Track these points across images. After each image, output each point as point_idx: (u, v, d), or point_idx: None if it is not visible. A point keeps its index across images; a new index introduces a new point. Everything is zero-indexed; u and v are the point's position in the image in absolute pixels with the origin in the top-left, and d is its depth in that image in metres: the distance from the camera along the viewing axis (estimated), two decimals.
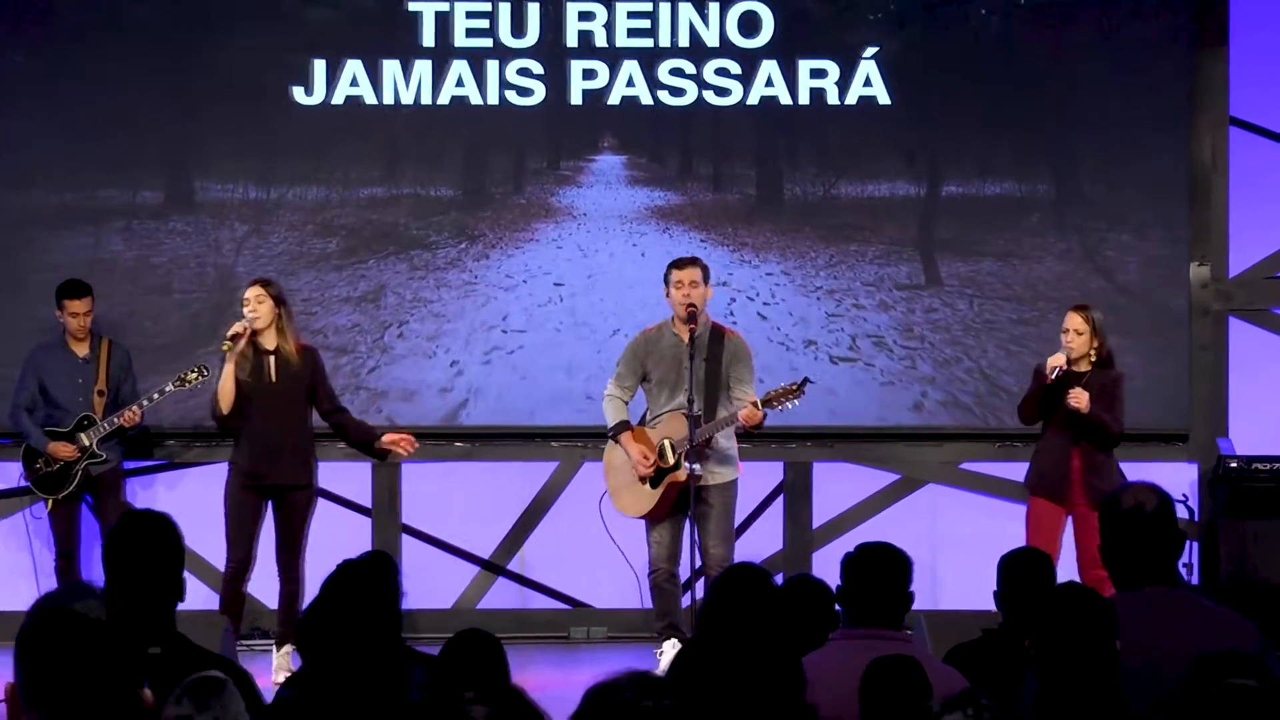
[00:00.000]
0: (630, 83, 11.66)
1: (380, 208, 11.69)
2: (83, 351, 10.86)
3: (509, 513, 11.63)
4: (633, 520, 10.03)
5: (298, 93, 11.58)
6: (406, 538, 11.58)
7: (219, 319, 11.08)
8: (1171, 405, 11.56)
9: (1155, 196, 11.61)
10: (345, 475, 11.34)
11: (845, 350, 11.66)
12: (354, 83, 11.58)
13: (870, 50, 11.61)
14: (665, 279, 9.95)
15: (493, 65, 11.62)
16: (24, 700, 3.81)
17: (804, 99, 11.61)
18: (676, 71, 11.65)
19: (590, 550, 10.81)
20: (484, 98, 11.61)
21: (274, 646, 10.07)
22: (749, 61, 11.62)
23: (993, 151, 11.73)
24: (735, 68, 11.63)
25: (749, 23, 11.63)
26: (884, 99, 11.61)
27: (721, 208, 11.74)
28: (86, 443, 10.66)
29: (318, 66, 11.58)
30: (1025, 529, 9.93)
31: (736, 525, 10.13)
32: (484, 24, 11.62)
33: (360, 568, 4.90)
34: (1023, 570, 6.41)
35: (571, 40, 11.64)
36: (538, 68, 11.65)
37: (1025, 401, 10.10)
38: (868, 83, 11.60)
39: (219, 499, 10.05)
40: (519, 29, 11.62)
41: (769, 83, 11.62)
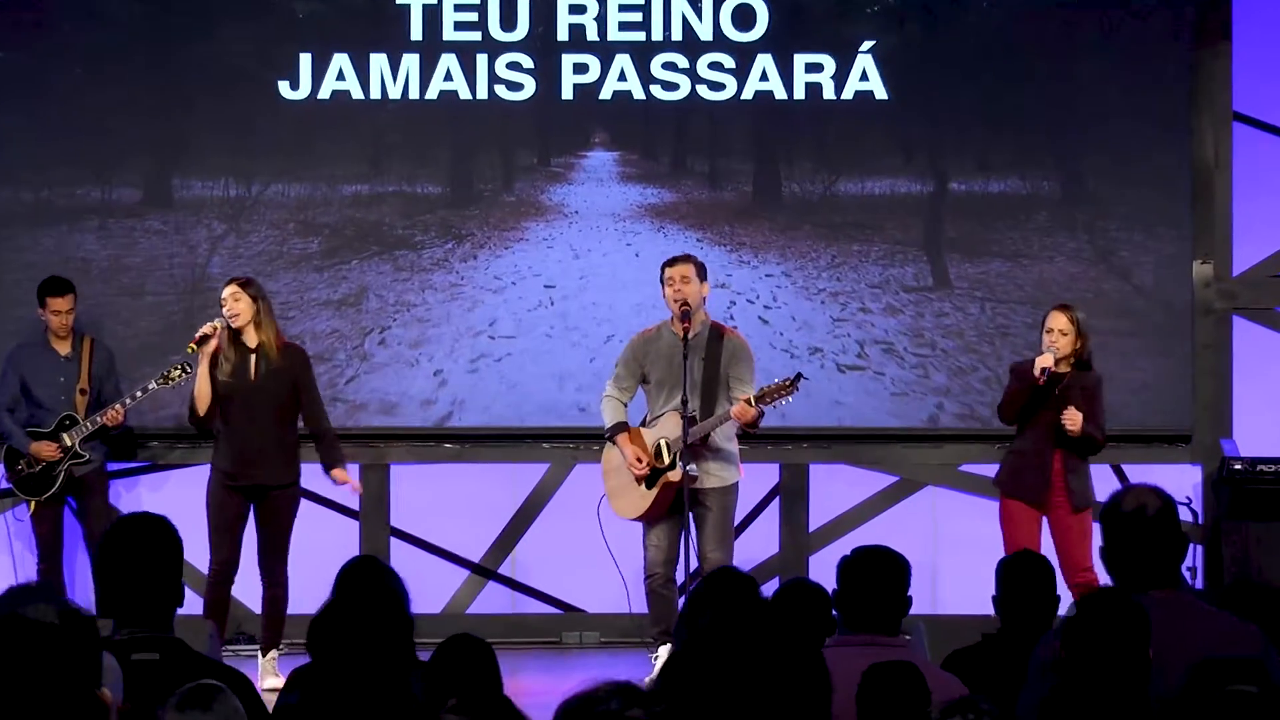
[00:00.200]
0: (622, 77, 11.56)
1: (364, 205, 11.56)
2: (65, 350, 10.81)
3: (500, 516, 11.54)
4: (630, 525, 9.89)
5: (283, 87, 11.49)
6: (395, 541, 11.50)
7: (197, 320, 10.88)
8: (1174, 406, 11.48)
9: (1158, 193, 11.53)
10: None
11: (853, 358, 11.49)
12: (340, 76, 11.50)
13: (867, 44, 11.49)
14: (660, 278, 9.81)
15: (482, 59, 11.52)
16: None
17: (799, 94, 11.51)
18: (669, 65, 11.56)
19: (583, 554, 10.74)
20: (473, 92, 11.52)
21: (259, 653, 9.99)
22: (743, 55, 11.53)
23: (993, 148, 11.64)
24: (729, 61, 11.54)
25: (743, 16, 11.54)
26: (881, 94, 11.53)
27: (717, 205, 11.62)
28: (69, 442, 10.61)
29: (304, 60, 11.47)
30: (1002, 532, 9.80)
31: None
32: (473, 17, 11.54)
33: (374, 567, 4.82)
34: (1021, 574, 6.38)
35: (562, 33, 11.56)
36: (528, 61, 11.55)
37: (1008, 402, 9.92)
38: (864, 77, 11.51)
39: (203, 501, 9.94)
40: (509, 22, 11.52)
41: (764, 77, 11.53)
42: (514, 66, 11.53)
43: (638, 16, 11.53)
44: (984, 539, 10.03)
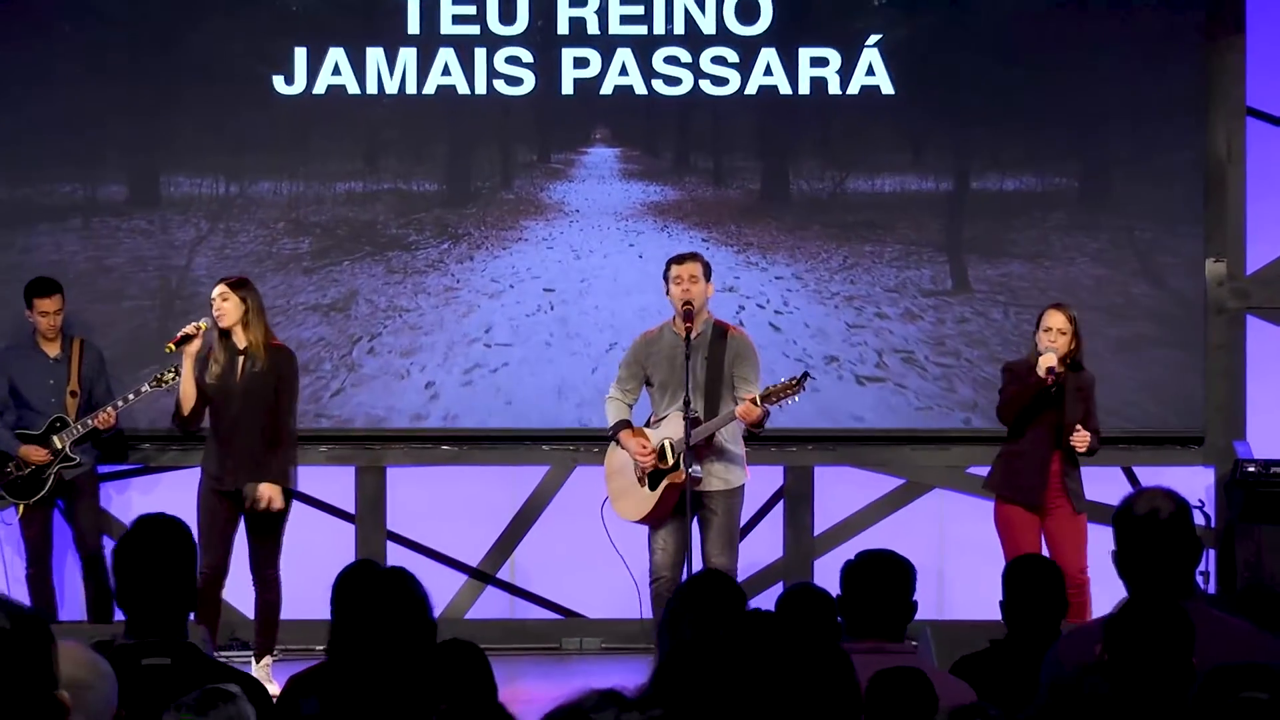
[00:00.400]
0: (624, 71, 11.45)
1: (358, 203, 11.44)
2: (54, 351, 10.74)
3: (498, 519, 11.45)
4: (633, 527, 9.73)
5: (278, 82, 11.41)
6: (392, 544, 11.43)
7: (182, 322, 10.71)
8: (1187, 407, 11.38)
9: (1171, 190, 11.42)
10: (328, 479, 11.22)
11: (871, 368, 11.30)
12: (336, 71, 11.41)
13: (874, 38, 11.36)
14: (665, 275, 9.64)
15: (480, 53, 11.44)
16: None
17: (804, 89, 11.40)
18: (672, 60, 11.45)
19: (584, 558, 10.71)
20: (471, 87, 11.43)
21: (253, 659, 9.89)
22: (747, 49, 11.43)
23: (1003, 145, 11.53)
24: (733, 56, 11.44)
25: (746, 9, 11.45)
26: (887, 89, 11.44)
27: (722, 203, 11.48)
28: (59, 445, 10.53)
29: (299, 55, 11.38)
30: (1000, 537, 9.68)
31: None
32: (471, 10, 11.46)
33: (394, 573, 4.82)
34: (1029, 579, 6.30)
35: (563, 27, 11.47)
36: (527, 56, 11.45)
37: (1009, 404, 9.74)
38: (870, 72, 11.38)
39: (195, 504, 9.82)
40: (508, 15, 11.45)
41: (768, 71, 11.42)
42: (513, 61, 11.42)
43: (639, 10, 11.44)
44: (992, 543, 9.92)
